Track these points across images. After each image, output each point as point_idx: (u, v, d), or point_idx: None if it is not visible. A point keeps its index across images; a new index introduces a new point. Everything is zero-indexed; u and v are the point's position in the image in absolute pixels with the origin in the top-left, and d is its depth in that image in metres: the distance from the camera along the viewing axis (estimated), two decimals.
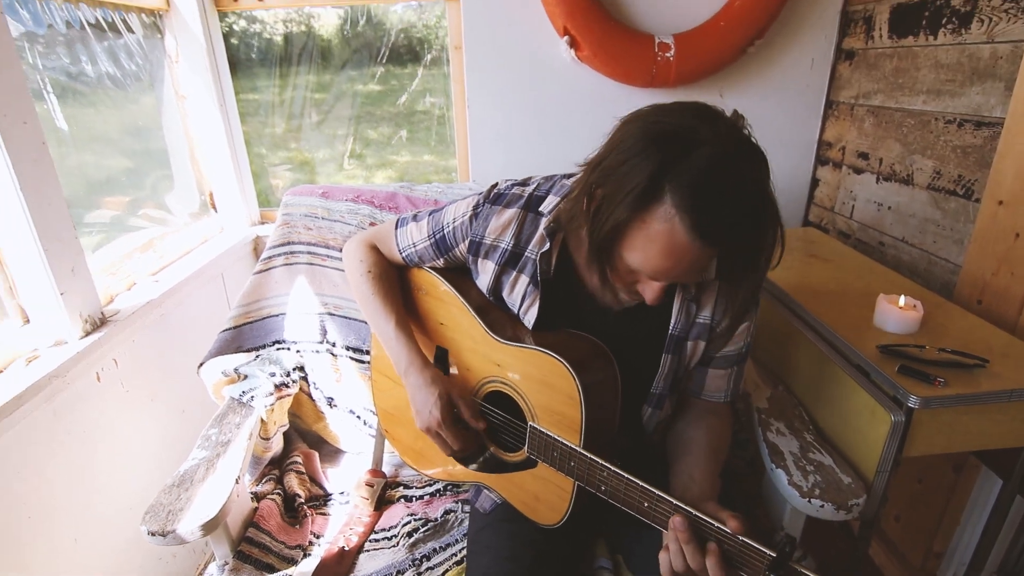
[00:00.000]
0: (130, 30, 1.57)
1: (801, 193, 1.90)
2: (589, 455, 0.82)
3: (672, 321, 0.90)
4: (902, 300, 1.13)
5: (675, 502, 0.73)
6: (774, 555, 0.65)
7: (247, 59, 1.88)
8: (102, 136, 1.51)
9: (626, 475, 0.78)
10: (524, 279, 0.95)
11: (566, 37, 1.63)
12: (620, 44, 1.60)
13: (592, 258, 0.79)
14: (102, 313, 1.24)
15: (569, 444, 0.85)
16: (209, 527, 0.96)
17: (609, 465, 0.79)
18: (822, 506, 0.95)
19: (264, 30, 1.88)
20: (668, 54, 1.61)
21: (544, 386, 0.89)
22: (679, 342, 0.91)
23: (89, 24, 1.44)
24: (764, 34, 1.65)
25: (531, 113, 1.81)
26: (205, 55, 1.71)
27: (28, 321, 1.16)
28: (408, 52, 1.90)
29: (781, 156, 1.85)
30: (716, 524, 0.70)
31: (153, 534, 0.93)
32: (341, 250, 1.40)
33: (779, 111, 1.80)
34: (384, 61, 1.90)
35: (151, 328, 1.39)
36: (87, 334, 1.18)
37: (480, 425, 0.97)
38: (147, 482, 1.37)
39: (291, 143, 2.00)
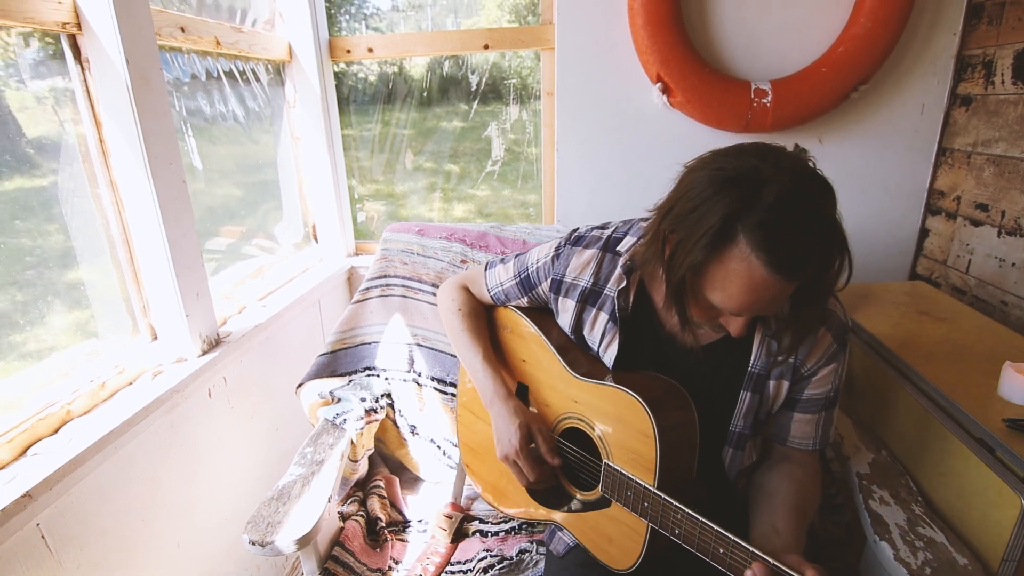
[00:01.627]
0: (257, 79, 1.74)
1: (908, 244, 1.79)
2: (663, 496, 0.81)
3: (752, 358, 0.89)
4: None
5: (753, 550, 0.71)
6: None
7: (346, 99, 2.03)
8: (226, 171, 1.67)
9: (701, 518, 0.76)
10: (603, 316, 0.98)
11: (659, 84, 1.65)
12: (715, 90, 1.60)
13: (671, 299, 0.82)
14: (217, 334, 1.36)
15: (643, 483, 0.84)
16: (303, 542, 1.01)
17: (683, 507, 0.78)
18: None
19: (361, 71, 2.03)
20: (765, 100, 1.59)
21: (619, 423, 0.90)
22: (760, 380, 0.89)
23: (224, 73, 1.61)
24: (870, 79, 1.59)
25: (619, 158, 1.82)
26: (319, 101, 1.86)
27: (156, 338, 1.28)
28: (494, 92, 1.99)
29: (886, 204, 1.76)
30: None
31: (253, 543, 0.99)
32: (433, 284, 1.47)
33: (884, 158, 1.72)
34: (473, 101, 1.99)
35: (256, 349, 1.50)
36: (204, 353, 1.30)
37: (555, 461, 0.99)
38: (242, 495, 1.46)
39: (381, 177, 2.13)
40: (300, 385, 1.43)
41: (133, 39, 1.10)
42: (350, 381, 1.45)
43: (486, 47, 1.84)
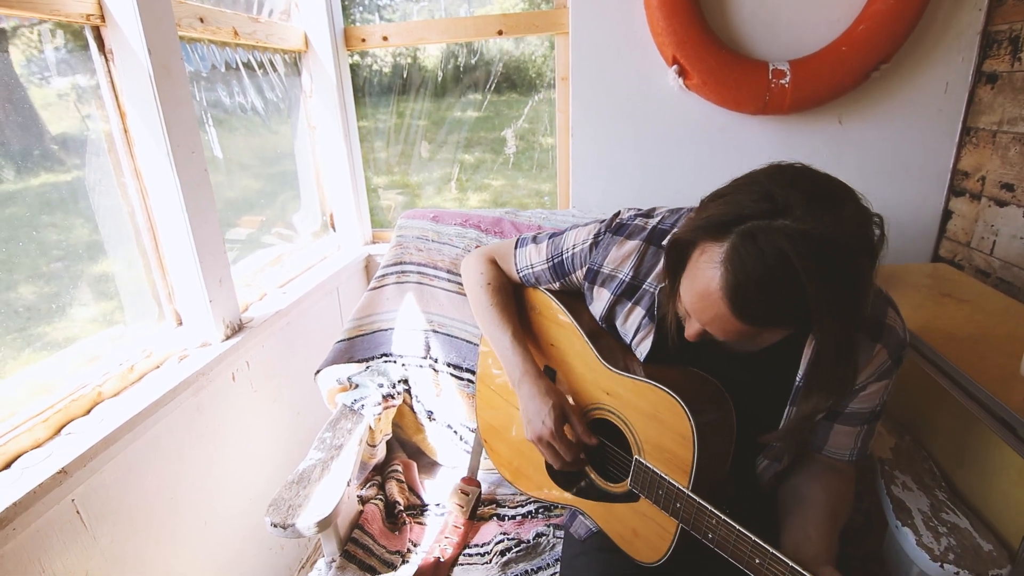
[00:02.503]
0: (274, 69, 1.77)
1: (930, 226, 1.75)
2: (699, 500, 0.79)
3: (800, 371, 0.83)
4: None
5: (791, 563, 0.69)
6: None
7: (361, 90, 2.05)
8: (245, 162, 1.70)
9: (738, 527, 0.74)
10: (639, 311, 0.94)
11: (675, 66, 1.63)
12: (731, 72, 1.58)
13: (666, 261, 0.79)
14: (240, 320, 1.39)
15: (677, 485, 0.82)
16: (323, 525, 1.03)
17: (719, 513, 0.76)
18: (956, 573, 0.86)
19: (375, 62, 2.04)
20: (783, 81, 1.56)
21: (654, 421, 0.87)
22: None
23: (242, 64, 1.64)
24: (891, 58, 1.56)
25: (635, 142, 1.81)
26: (335, 90, 1.88)
27: (181, 324, 1.32)
28: (507, 81, 1.98)
29: (908, 186, 1.72)
30: None
31: (275, 525, 1.02)
32: (448, 271, 1.48)
33: (906, 138, 1.68)
34: (487, 90, 2.00)
35: (277, 335, 1.53)
36: (227, 338, 1.33)
37: (592, 441, 0.96)
38: (266, 477, 1.49)
39: (396, 167, 2.14)
40: (318, 371, 1.46)
41: (155, 30, 1.12)
42: (367, 367, 1.47)
43: (500, 33, 1.83)
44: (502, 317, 1.06)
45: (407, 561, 1.21)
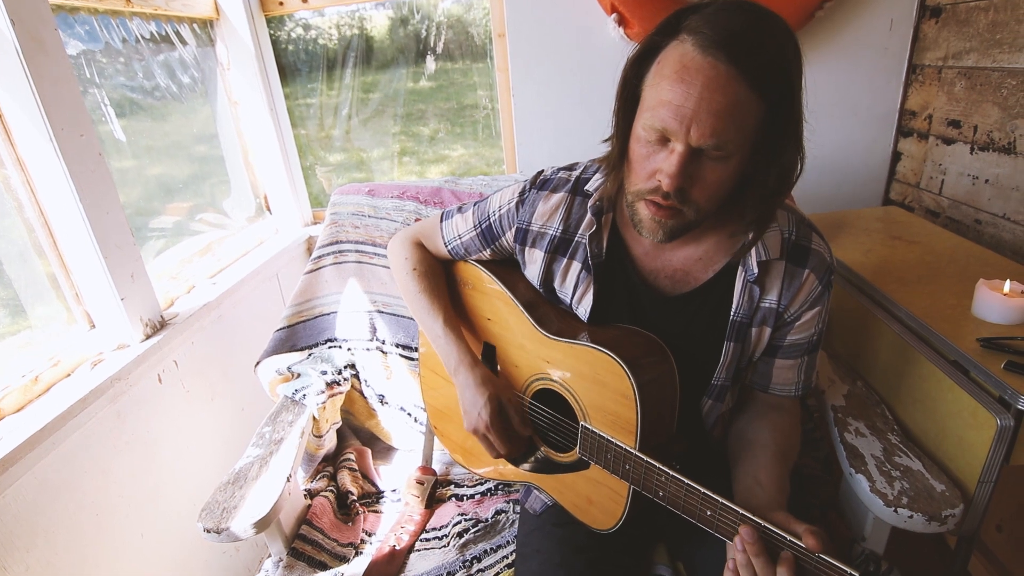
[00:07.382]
0: (183, 42, 1.61)
1: (880, 169, 1.73)
2: (646, 458, 0.77)
3: (734, 306, 0.82)
4: (1007, 286, 0.99)
5: (742, 511, 0.67)
6: (855, 575, 0.57)
7: (302, 65, 1.91)
8: (163, 146, 1.56)
9: (686, 480, 0.72)
10: (576, 266, 0.91)
11: (614, 15, 1.55)
12: None
13: (616, 134, 0.78)
14: (161, 317, 1.28)
15: (624, 446, 0.80)
16: (261, 525, 0.97)
17: (667, 469, 0.74)
18: (911, 516, 0.84)
19: (320, 35, 1.90)
20: None
21: (596, 384, 0.84)
22: (742, 328, 0.83)
23: (143, 38, 1.48)
24: None
25: (579, 97, 1.73)
26: (255, 60, 1.74)
27: (93, 326, 1.21)
28: (455, 46, 1.87)
29: (857, 128, 1.69)
30: (790, 538, 0.63)
31: (208, 531, 0.95)
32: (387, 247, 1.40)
33: (854, 79, 1.64)
34: (432, 57, 1.87)
35: (208, 329, 1.43)
36: (147, 337, 1.22)
37: (526, 432, 0.95)
38: (211, 479, 1.41)
39: (347, 144, 2.02)
40: (258, 363, 1.37)
41: None
42: (310, 355, 1.39)
43: None
44: (432, 304, 1.02)
45: (360, 552, 1.16)
